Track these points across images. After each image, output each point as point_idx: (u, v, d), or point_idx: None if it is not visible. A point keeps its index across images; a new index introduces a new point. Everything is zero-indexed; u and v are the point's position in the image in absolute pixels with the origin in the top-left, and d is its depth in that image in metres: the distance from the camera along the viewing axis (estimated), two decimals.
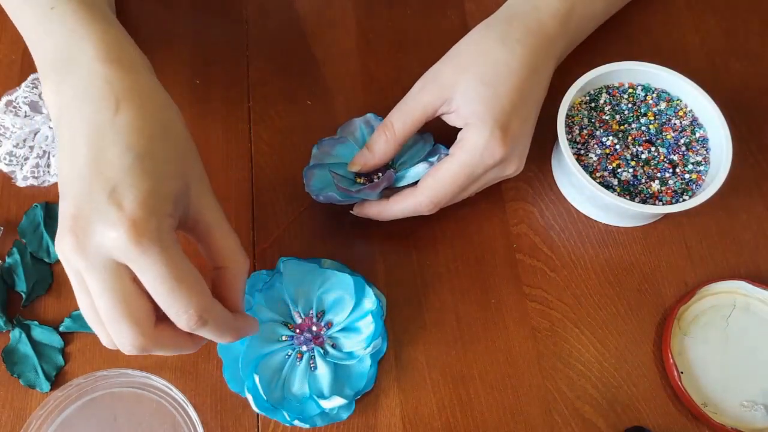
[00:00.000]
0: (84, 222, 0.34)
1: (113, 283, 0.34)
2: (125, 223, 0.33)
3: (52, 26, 0.39)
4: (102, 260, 0.34)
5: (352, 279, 0.47)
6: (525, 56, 0.47)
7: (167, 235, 0.35)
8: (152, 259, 0.34)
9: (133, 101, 0.37)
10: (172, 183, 0.36)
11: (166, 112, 0.39)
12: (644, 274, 0.52)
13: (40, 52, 0.40)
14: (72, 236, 0.34)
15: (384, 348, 0.48)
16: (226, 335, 0.38)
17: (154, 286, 0.34)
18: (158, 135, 0.37)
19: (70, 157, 0.36)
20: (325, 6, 0.61)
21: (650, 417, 0.47)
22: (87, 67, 0.37)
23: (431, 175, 0.47)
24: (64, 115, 0.37)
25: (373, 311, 0.46)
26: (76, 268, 0.35)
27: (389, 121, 0.48)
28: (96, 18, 0.39)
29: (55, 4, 0.40)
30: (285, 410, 0.44)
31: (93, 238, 0.34)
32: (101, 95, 0.36)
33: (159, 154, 0.36)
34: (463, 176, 0.46)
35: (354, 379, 0.46)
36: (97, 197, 0.34)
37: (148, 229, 0.34)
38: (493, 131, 0.45)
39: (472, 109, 0.46)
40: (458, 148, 0.46)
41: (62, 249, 0.35)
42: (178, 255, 0.35)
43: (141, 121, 0.36)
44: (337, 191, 0.49)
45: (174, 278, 0.34)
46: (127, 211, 0.34)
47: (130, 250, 0.33)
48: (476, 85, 0.46)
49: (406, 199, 0.48)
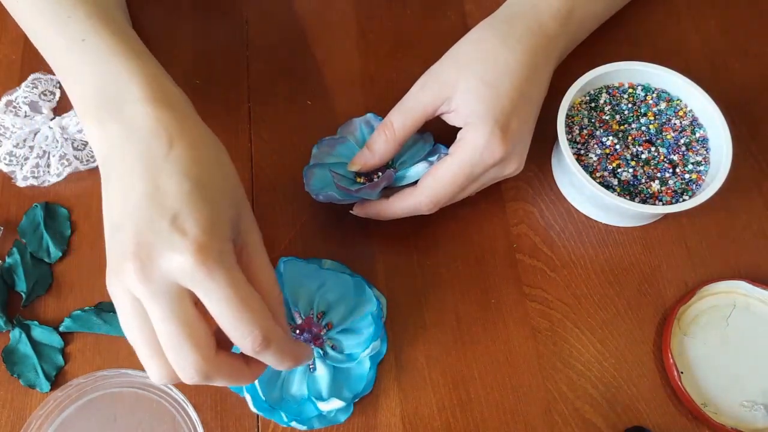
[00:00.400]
0: (148, 249, 0.34)
1: (178, 308, 0.34)
2: (190, 248, 0.33)
3: (87, 61, 0.40)
4: (167, 285, 0.34)
5: (353, 280, 0.47)
6: (525, 56, 0.47)
7: (230, 258, 0.35)
8: (218, 282, 0.34)
9: (185, 138, 0.37)
10: (227, 212, 0.37)
11: (215, 146, 0.40)
12: (644, 274, 0.52)
13: (77, 88, 0.40)
14: (137, 263, 0.34)
15: (384, 350, 0.48)
16: (287, 360, 0.37)
17: (220, 309, 0.34)
18: (212, 167, 0.38)
19: (123, 192, 0.36)
20: (325, 6, 0.61)
21: (650, 417, 0.47)
22: (135, 108, 0.38)
23: (431, 175, 0.47)
24: (113, 153, 0.37)
25: (373, 313, 0.46)
26: (136, 296, 0.34)
27: (389, 121, 0.48)
28: (131, 52, 0.40)
29: (86, 35, 0.40)
30: (283, 411, 0.44)
31: (158, 264, 0.34)
32: (153, 134, 0.37)
33: (214, 184, 0.37)
34: (463, 175, 0.46)
35: (353, 381, 0.46)
36: (159, 225, 0.34)
37: (213, 252, 0.34)
38: (493, 130, 0.45)
39: (472, 108, 0.46)
40: (458, 148, 0.46)
41: (123, 278, 0.34)
42: (241, 277, 0.35)
43: (195, 154, 0.37)
44: (337, 190, 0.49)
45: (239, 300, 0.34)
46: (191, 236, 0.34)
47: (196, 274, 0.33)
48: (476, 84, 0.46)
49: (406, 199, 0.48)
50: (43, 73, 0.57)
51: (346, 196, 0.48)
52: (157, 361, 0.35)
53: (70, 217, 0.52)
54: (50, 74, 0.57)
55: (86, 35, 0.40)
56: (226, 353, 0.36)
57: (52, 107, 0.56)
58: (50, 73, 0.57)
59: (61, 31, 0.41)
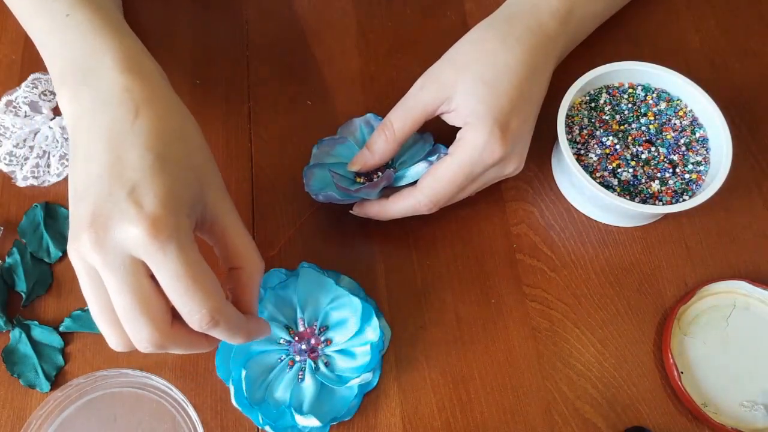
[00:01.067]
0: (104, 219, 0.34)
1: (132, 279, 0.34)
2: (145, 221, 0.34)
3: (68, 34, 0.40)
4: (121, 257, 0.34)
5: (362, 305, 0.46)
6: (524, 55, 0.47)
7: (185, 235, 0.35)
8: (170, 256, 0.34)
9: (152, 109, 0.38)
10: (189, 186, 0.37)
11: (183, 120, 0.40)
12: (644, 274, 0.52)
13: (56, 60, 0.40)
14: (91, 233, 0.34)
15: (374, 382, 0.47)
16: (237, 337, 0.38)
17: (170, 284, 0.35)
18: (176, 140, 0.38)
19: (86, 161, 0.36)
20: (325, 6, 0.61)
21: (650, 417, 0.47)
22: (106, 76, 0.38)
23: (430, 174, 0.47)
24: (81, 122, 0.38)
25: (373, 343, 0.46)
26: (92, 266, 0.35)
27: (389, 121, 0.48)
28: (112, 27, 0.40)
29: (70, 11, 0.40)
30: (261, 412, 0.44)
31: (113, 235, 0.34)
32: (120, 103, 0.37)
33: (177, 158, 0.37)
34: (462, 175, 0.46)
35: (336, 403, 0.46)
36: (117, 196, 0.35)
37: (167, 226, 0.34)
38: (492, 130, 0.45)
39: (471, 108, 0.46)
40: (457, 147, 0.46)
41: (78, 246, 0.35)
42: (194, 255, 0.35)
43: (160, 127, 0.37)
44: (337, 190, 0.49)
45: (189, 277, 0.35)
46: (147, 209, 0.34)
47: (148, 246, 0.34)
48: (475, 84, 0.46)
49: (406, 199, 0.48)
50: (43, 73, 0.57)
51: (345, 196, 0.48)
52: (113, 330, 0.36)
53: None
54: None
55: (70, 11, 0.41)
56: (181, 325, 0.37)
57: (52, 107, 0.56)
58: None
59: (47, 9, 0.41)
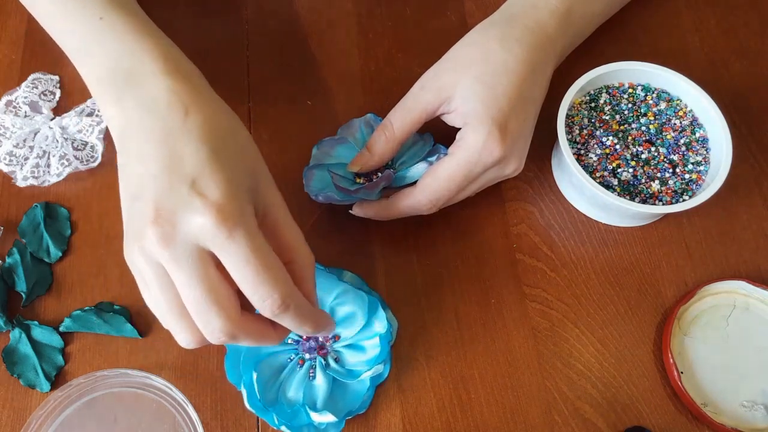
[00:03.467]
0: (168, 213, 0.34)
1: (202, 271, 0.34)
2: (211, 209, 0.34)
3: (104, 38, 0.40)
4: (189, 249, 0.34)
5: (368, 298, 0.46)
6: (524, 55, 0.47)
7: (251, 221, 0.36)
8: (238, 243, 0.34)
9: (201, 107, 0.38)
10: (245, 178, 0.37)
11: (231, 118, 0.40)
12: (644, 274, 0.52)
13: (94, 63, 0.41)
14: (157, 228, 0.34)
15: (386, 373, 0.47)
16: (306, 324, 0.38)
17: (240, 270, 0.35)
18: (228, 136, 0.38)
19: (140, 162, 0.36)
20: (325, 6, 0.61)
21: (650, 417, 0.47)
22: (150, 80, 0.38)
23: (430, 175, 0.47)
24: (130, 125, 0.38)
25: (382, 335, 0.46)
26: (158, 262, 0.35)
27: (388, 121, 0.48)
28: (148, 29, 0.41)
29: (104, 14, 0.41)
30: (275, 413, 0.44)
31: (179, 227, 0.34)
32: (169, 105, 0.37)
33: (230, 151, 0.37)
34: (461, 175, 0.46)
35: (349, 397, 0.46)
36: (179, 191, 0.35)
37: (233, 213, 0.35)
38: (491, 130, 0.45)
39: (471, 108, 0.46)
40: (457, 148, 0.46)
41: (144, 244, 0.35)
42: (262, 241, 0.36)
43: (211, 123, 0.38)
44: (336, 191, 0.49)
45: (259, 262, 0.35)
46: (211, 198, 0.35)
47: (217, 234, 0.34)
48: (475, 85, 0.46)
49: (406, 198, 0.48)
50: (43, 73, 0.57)
51: (345, 196, 0.48)
52: (184, 325, 0.36)
53: (70, 217, 0.52)
54: (50, 74, 0.57)
55: (103, 14, 0.41)
56: (250, 315, 0.37)
57: (52, 107, 0.56)
58: (50, 73, 0.57)
59: (79, 12, 0.41)
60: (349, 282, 0.48)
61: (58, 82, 0.57)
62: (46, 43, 0.59)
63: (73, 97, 0.56)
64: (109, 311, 0.49)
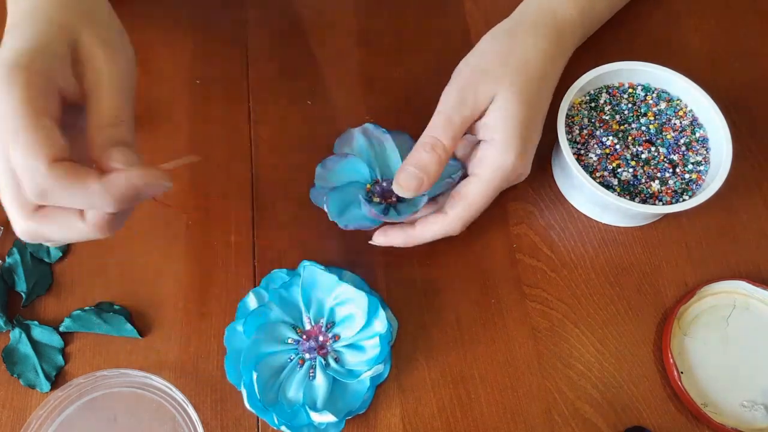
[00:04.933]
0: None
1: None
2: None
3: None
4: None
5: (368, 298, 0.47)
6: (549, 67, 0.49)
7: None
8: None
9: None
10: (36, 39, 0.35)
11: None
12: (644, 274, 0.52)
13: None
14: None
15: (386, 373, 0.47)
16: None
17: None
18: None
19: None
20: (325, 6, 0.61)
21: (650, 417, 0.47)
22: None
23: (461, 201, 0.47)
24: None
25: (382, 334, 0.46)
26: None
27: (439, 142, 0.46)
28: None
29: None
30: (275, 413, 0.44)
31: None
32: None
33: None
34: (491, 195, 0.48)
35: (349, 397, 0.46)
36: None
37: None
38: (520, 152, 0.46)
39: (502, 126, 0.46)
40: (485, 168, 0.47)
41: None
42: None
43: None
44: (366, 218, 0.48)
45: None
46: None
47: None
48: (510, 101, 0.46)
49: (436, 225, 0.48)
50: None
51: (374, 221, 0.49)
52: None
53: None
54: None
55: None
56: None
57: None
58: None
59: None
60: (349, 282, 0.48)
61: None
62: None
63: None
64: (109, 311, 0.49)
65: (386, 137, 0.52)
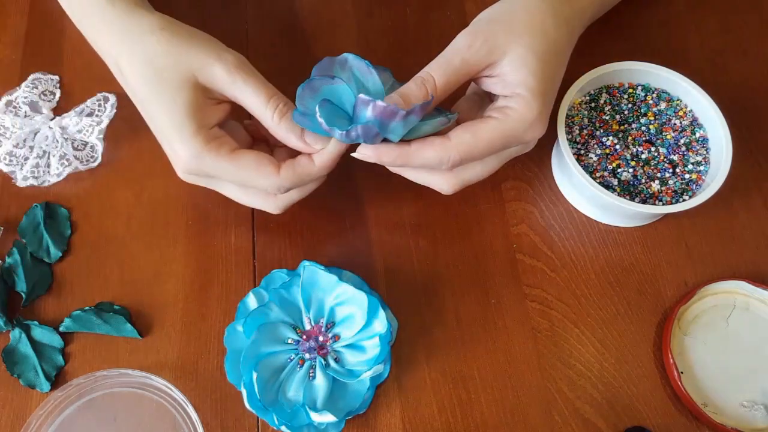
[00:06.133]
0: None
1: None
2: (176, 166, 0.46)
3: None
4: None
5: (368, 298, 0.46)
6: (568, 36, 0.47)
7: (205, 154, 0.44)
8: (209, 183, 0.48)
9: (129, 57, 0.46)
10: (182, 98, 0.44)
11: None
12: (644, 274, 0.52)
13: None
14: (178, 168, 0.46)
15: (386, 373, 0.47)
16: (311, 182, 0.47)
17: (233, 195, 0.48)
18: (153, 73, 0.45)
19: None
20: (325, 6, 0.61)
21: (650, 417, 0.47)
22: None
23: (469, 131, 0.43)
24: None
25: (382, 335, 0.46)
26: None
27: (430, 76, 0.44)
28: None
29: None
30: (275, 413, 0.44)
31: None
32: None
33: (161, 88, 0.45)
34: (501, 143, 0.44)
35: (349, 397, 0.46)
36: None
37: (190, 164, 0.44)
38: (542, 110, 0.44)
39: (523, 79, 0.44)
40: (503, 114, 0.44)
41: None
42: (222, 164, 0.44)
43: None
44: (339, 121, 0.42)
45: (237, 187, 0.47)
46: (177, 155, 0.45)
47: (188, 180, 0.47)
48: (530, 56, 0.44)
49: (433, 148, 0.43)
50: (43, 73, 0.57)
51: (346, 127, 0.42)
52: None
53: (70, 217, 0.52)
54: (50, 74, 0.57)
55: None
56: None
57: (52, 107, 0.56)
58: (50, 73, 0.57)
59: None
60: (349, 282, 0.47)
61: (58, 82, 0.57)
62: (46, 43, 0.59)
63: (73, 97, 0.56)
64: (109, 311, 0.49)
65: (371, 71, 0.46)
